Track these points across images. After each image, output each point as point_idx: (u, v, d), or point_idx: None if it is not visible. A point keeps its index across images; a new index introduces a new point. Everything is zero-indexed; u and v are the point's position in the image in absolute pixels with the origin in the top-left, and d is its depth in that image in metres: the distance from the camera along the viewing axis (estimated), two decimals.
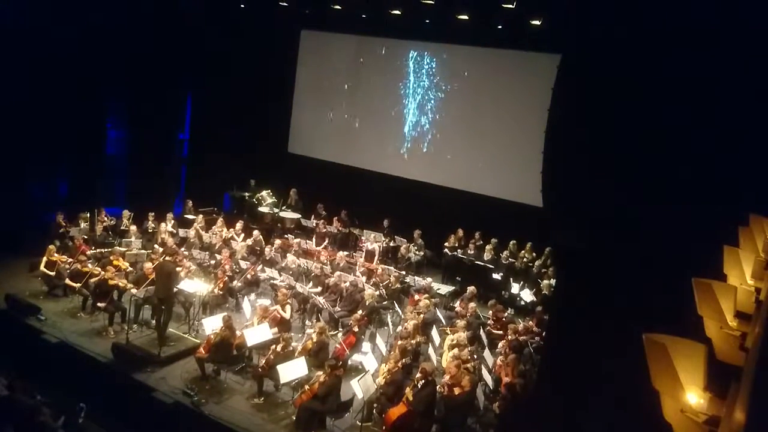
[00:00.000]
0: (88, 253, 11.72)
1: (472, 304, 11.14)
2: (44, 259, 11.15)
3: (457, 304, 11.78)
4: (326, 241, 14.77)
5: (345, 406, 8.25)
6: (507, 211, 14.18)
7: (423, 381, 7.94)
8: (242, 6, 15.83)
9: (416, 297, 11.42)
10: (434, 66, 15.66)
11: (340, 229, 15.15)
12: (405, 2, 13.37)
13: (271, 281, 11.89)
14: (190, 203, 15.42)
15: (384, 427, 7.92)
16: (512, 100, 14.55)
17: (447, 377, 8.31)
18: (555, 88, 10.22)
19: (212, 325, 9.36)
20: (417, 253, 14.12)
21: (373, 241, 14.47)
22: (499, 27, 13.36)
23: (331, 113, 17.15)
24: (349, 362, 9.68)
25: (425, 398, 7.84)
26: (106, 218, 13.68)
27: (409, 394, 7.90)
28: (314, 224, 15.21)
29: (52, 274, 11.18)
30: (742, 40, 6.23)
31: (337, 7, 14.51)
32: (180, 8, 15.17)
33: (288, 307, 10.13)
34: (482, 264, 13.44)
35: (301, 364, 8.41)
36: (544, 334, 10.24)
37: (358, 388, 7.90)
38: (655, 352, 2.81)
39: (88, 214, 13.40)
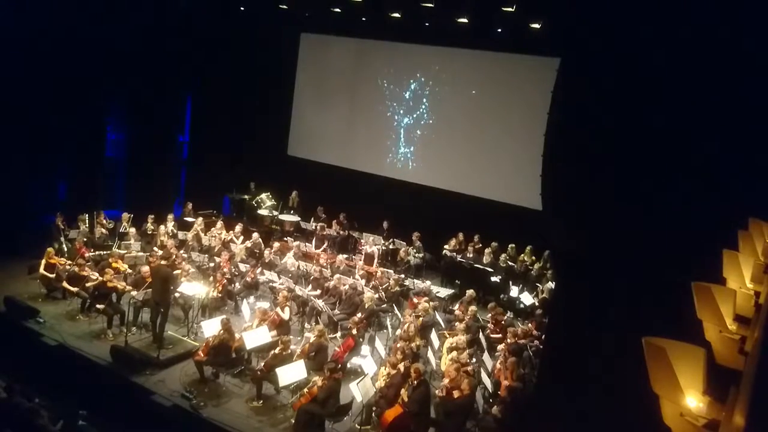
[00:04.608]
0: (87, 255, 11.70)
1: (471, 308, 11.13)
2: (43, 261, 11.13)
3: (456, 308, 11.78)
4: (325, 244, 14.77)
5: (344, 410, 8.24)
6: (506, 214, 14.20)
7: (416, 382, 7.95)
8: (242, 9, 15.86)
9: (415, 300, 11.42)
10: (434, 69, 15.68)
11: (339, 231, 15.16)
12: (405, 5, 13.39)
13: (270, 284, 11.88)
14: (190, 206, 15.41)
15: (381, 429, 7.93)
16: (512, 103, 14.58)
17: (446, 380, 8.30)
18: (554, 92, 10.23)
19: (211, 327, 9.34)
20: (416, 256, 14.12)
21: (372, 244, 14.48)
22: (499, 30, 13.39)
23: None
24: (348, 365, 9.68)
25: (419, 399, 7.86)
26: (105, 220, 13.67)
27: (404, 395, 7.92)
28: (314, 227, 15.21)
29: (52, 276, 11.17)
30: (742, 41, 6.24)
31: (337, 10, 14.54)
32: (180, 10, 15.19)
33: (287, 310, 10.12)
34: (481, 267, 13.44)
35: (300, 367, 8.40)
36: (543, 337, 10.23)
37: (357, 392, 7.90)
38: (655, 356, 2.81)
39: (87, 217, 13.40)
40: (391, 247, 14.60)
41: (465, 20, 12.82)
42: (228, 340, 9.08)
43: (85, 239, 12.67)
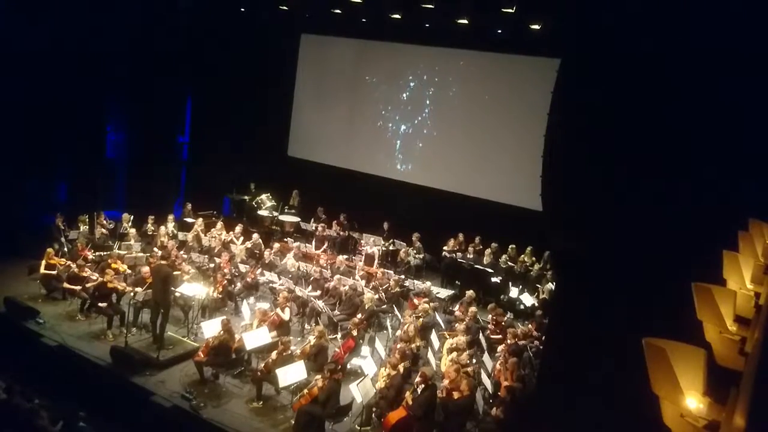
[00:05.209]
0: (89, 257, 11.68)
1: (471, 308, 11.13)
2: (43, 262, 11.13)
3: (456, 308, 11.78)
4: (326, 245, 14.77)
5: (344, 410, 8.24)
6: (506, 215, 14.20)
7: (422, 385, 7.94)
8: (242, 10, 15.87)
9: (415, 301, 11.42)
10: (434, 70, 15.69)
11: (339, 232, 15.16)
12: (405, 6, 13.39)
13: (271, 285, 11.88)
14: (190, 206, 15.42)
15: (383, 431, 7.91)
16: (512, 104, 14.58)
17: (446, 381, 8.30)
18: (554, 92, 10.23)
19: (211, 328, 9.34)
20: (416, 256, 14.12)
21: (372, 244, 14.48)
22: (499, 31, 13.40)
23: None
24: (348, 366, 9.67)
25: (424, 402, 7.83)
26: (105, 221, 13.67)
27: (408, 398, 7.89)
28: (314, 227, 15.21)
29: (54, 273, 11.16)
30: (743, 40, 6.24)
31: (337, 11, 14.55)
32: (181, 10, 15.20)
33: (287, 310, 10.12)
34: (481, 268, 13.44)
35: (300, 367, 8.40)
36: (543, 338, 10.23)
37: (357, 392, 7.89)
38: (655, 357, 2.81)
39: (87, 217, 13.40)
40: (391, 247, 14.59)
41: (465, 21, 12.84)
42: (228, 340, 9.08)
43: (85, 240, 12.67)
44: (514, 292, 13.02)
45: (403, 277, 12.90)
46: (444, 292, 12.98)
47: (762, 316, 3.30)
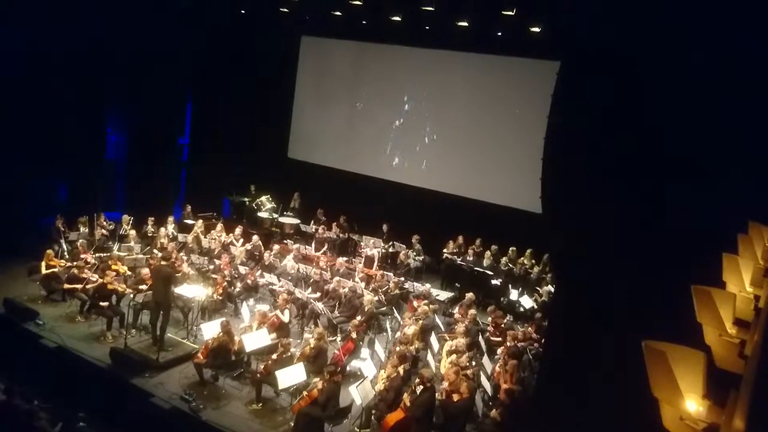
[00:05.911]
0: (90, 261, 11.66)
1: (471, 311, 11.12)
2: (43, 263, 11.13)
3: (455, 311, 11.76)
4: (325, 247, 14.77)
5: (343, 413, 8.23)
6: (506, 217, 14.19)
7: (421, 387, 7.93)
8: (243, 12, 15.88)
9: (415, 303, 11.40)
10: (434, 72, 15.69)
11: (339, 234, 15.16)
12: (405, 9, 13.41)
13: (270, 286, 11.88)
14: (189, 208, 15.42)
15: None
16: (512, 106, 14.59)
17: (445, 384, 8.29)
18: (554, 95, 10.23)
19: (211, 330, 9.33)
20: (416, 259, 14.12)
21: (372, 246, 14.47)
22: (499, 34, 13.41)
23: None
24: (348, 368, 9.66)
25: (423, 404, 7.82)
26: (105, 222, 13.67)
27: (407, 400, 7.88)
28: (313, 229, 15.21)
29: (55, 271, 11.14)
30: (742, 42, 6.24)
31: (338, 13, 14.56)
32: (180, 12, 15.22)
33: (287, 312, 10.12)
34: (481, 270, 13.43)
35: (299, 369, 8.39)
36: (543, 340, 10.22)
37: (357, 395, 7.88)
38: (655, 360, 2.81)
39: (87, 219, 13.40)
40: (390, 250, 14.59)
41: (465, 23, 12.85)
42: (227, 342, 9.07)
43: (85, 241, 12.66)
44: (513, 294, 13.01)
45: (402, 279, 12.89)
46: (444, 295, 12.96)
47: (761, 319, 3.30)
